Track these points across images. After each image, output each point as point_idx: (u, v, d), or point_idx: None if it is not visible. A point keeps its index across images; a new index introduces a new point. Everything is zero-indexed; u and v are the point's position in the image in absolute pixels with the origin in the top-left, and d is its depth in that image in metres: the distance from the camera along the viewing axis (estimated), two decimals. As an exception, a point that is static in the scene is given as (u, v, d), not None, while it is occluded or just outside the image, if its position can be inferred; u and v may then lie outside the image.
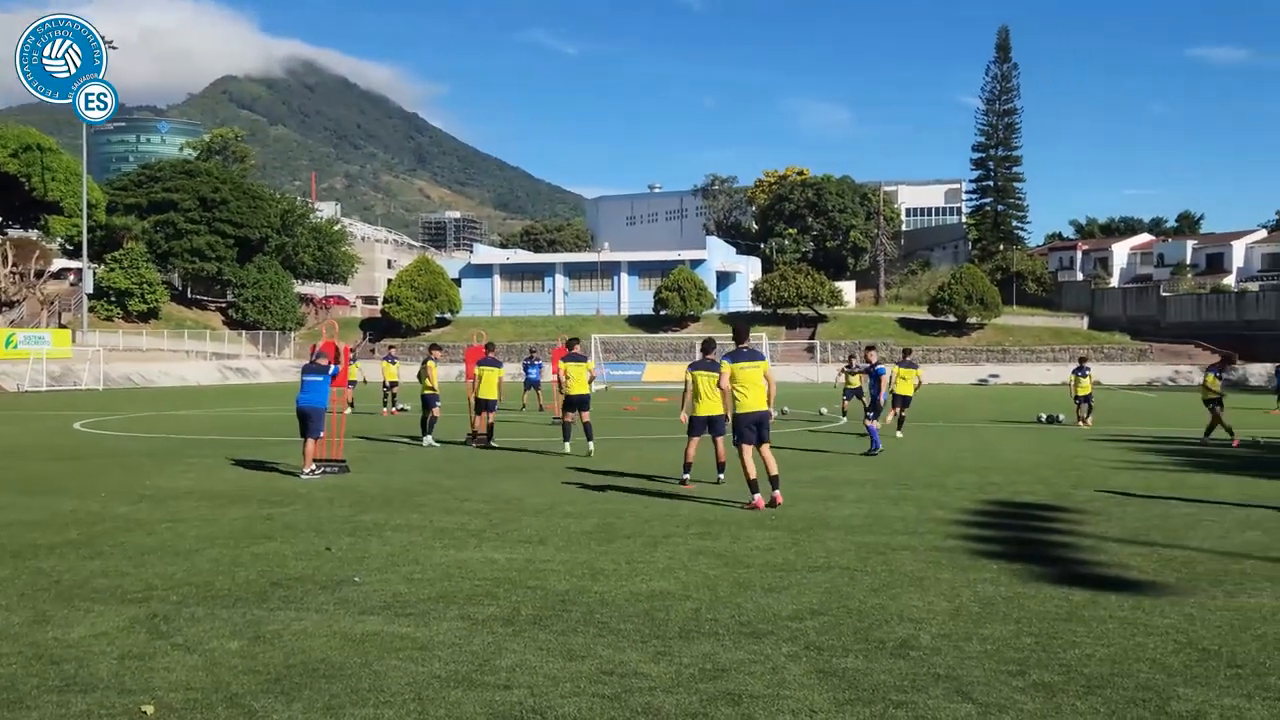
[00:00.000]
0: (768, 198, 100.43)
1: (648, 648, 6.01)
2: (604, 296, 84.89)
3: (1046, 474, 14.98)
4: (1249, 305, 73.64)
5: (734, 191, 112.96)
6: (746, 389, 11.67)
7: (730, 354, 11.99)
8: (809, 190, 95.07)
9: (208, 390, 50.01)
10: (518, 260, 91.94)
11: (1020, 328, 75.83)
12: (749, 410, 11.67)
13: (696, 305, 75.06)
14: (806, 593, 7.36)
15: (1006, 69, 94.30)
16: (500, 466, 15.72)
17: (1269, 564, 8.47)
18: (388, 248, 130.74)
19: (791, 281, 74.53)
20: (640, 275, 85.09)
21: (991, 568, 8.23)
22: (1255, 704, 5.07)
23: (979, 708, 5.02)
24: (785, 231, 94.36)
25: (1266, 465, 16.90)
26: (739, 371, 11.74)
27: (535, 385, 31.88)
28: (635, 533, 9.79)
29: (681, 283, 75.17)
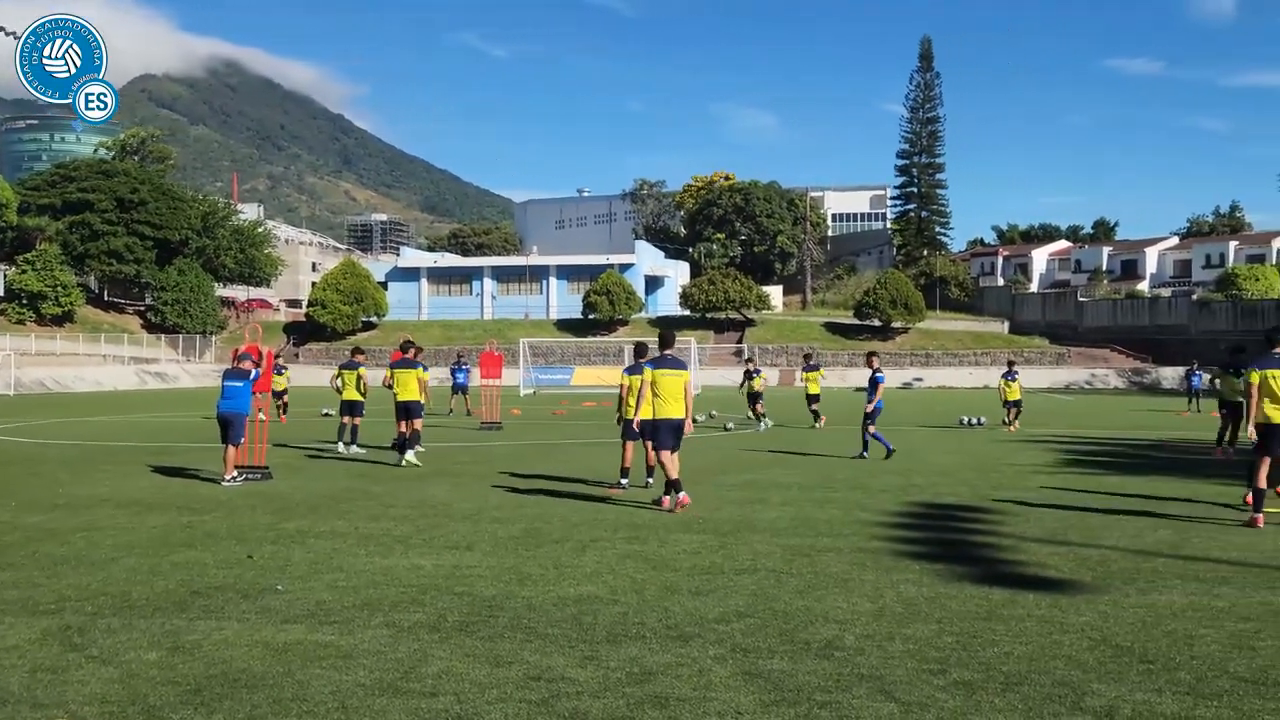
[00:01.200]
0: (696, 203, 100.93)
1: (575, 652, 6.00)
2: (532, 300, 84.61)
3: (968, 476, 15.27)
4: (1161, 310, 75.85)
5: (663, 196, 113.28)
6: (666, 397, 11.79)
7: (653, 360, 12.14)
8: (737, 195, 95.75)
9: (125, 396, 48.83)
10: (445, 264, 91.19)
11: (943, 332, 77.16)
12: (668, 417, 11.81)
13: (625, 309, 75.17)
14: (733, 595, 7.42)
15: (929, 77, 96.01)
16: (427, 472, 15.58)
17: (1179, 562, 8.72)
18: (312, 250, 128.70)
19: (720, 286, 74.98)
20: (569, 279, 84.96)
21: (914, 568, 8.37)
22: (1166, 698, 5.22)
23: (901, 706, 5.10)
24: (713, 236, 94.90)
25: (1176, 466, 17.40)
26: (660, 378, 11.87)
27: (463, 390, 31.66)
28: (563, 537, 9.77)
29: (610, 287, 75.23)
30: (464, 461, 17.36)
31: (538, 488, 13.60)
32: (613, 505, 11.96)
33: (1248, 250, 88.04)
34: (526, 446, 20.58)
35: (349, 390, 19.01)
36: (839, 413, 29.70)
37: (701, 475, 15.19)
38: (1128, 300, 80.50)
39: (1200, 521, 10.95)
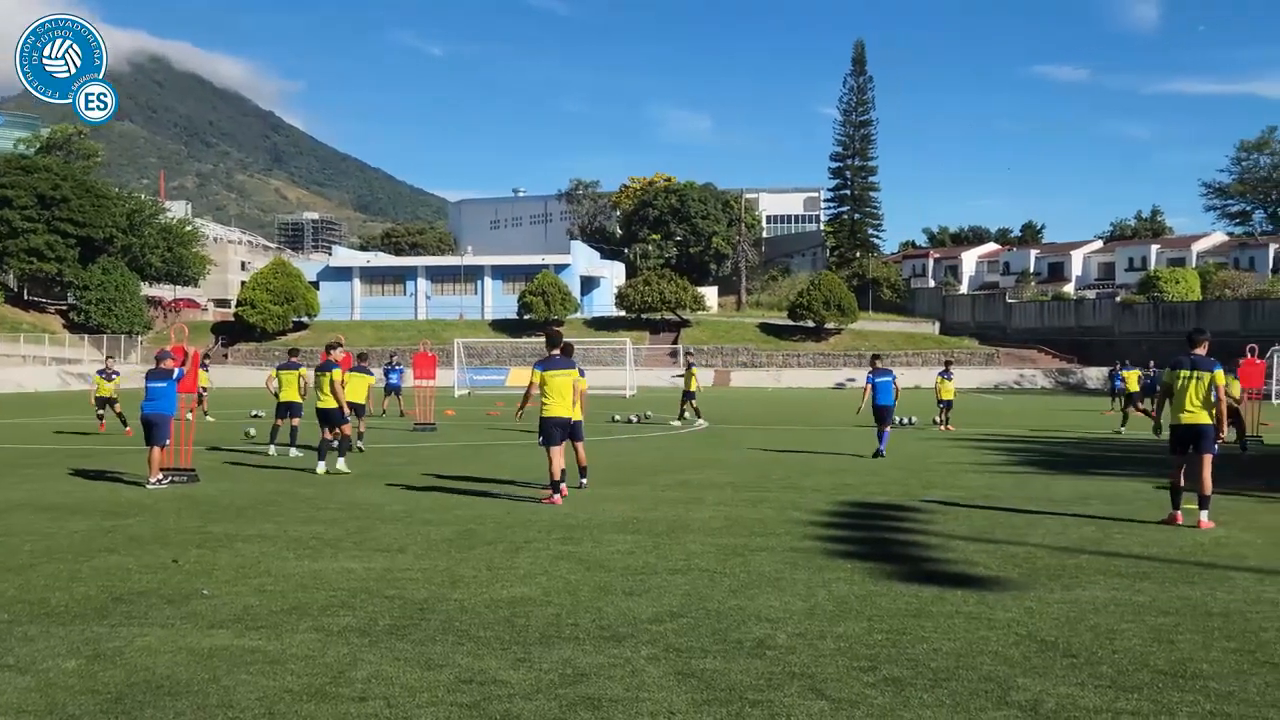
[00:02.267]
0: (632, 203, 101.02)
1: (508, 654, 5.96)
2: (467, 300, 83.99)
3: (898, 475, 15.46)
4: (1086, 312, 77.61)
5: (598, 197, 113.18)
6: (554, 396, 12.30)
7: (542, 361, 12.61)
8: (673, 197, 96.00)
9: (46, 397, 47.57)
10: (379, 263, 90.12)
11: (876, 333, 78.03)
12: (555, 415, 12.27)
13: (561, 310, 74.94)
14: (667, 595, 7.43)
15: (862, 81, 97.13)
16: (359, 474, 15.38)
17: (1102, 558, 8.92)
18: (242, 249, 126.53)
19: (655, 287, 75.09)
20: (504, 279, 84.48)
21: (846, 567, 8.45)
22: (1088, 691, 5.33)
23: (832, 704, 5.14)
24: (649, 237, 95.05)
25: (1101, 463, 17.80)
26: (550, 379, 12.33)
27: (396, 390, 31.35)
28: (496, 538, 9.71)
29: (546, 287, 74.96)
30: (397, 463, 17.18)
31: (471, 489, 13.51)
32: (547, 506, 11.92)
33: (1169, 254, 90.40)
34: (460, 447, 20.43)
35: (288, 391, 18.70)
36: (774, 414, 29.92)
37: (637, 475, 15.21)
38: (1054, 302, 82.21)
39: (1123, 519, 11.20)
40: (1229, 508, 12.06)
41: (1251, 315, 68.16)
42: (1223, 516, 11.33)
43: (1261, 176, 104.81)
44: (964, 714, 5.00)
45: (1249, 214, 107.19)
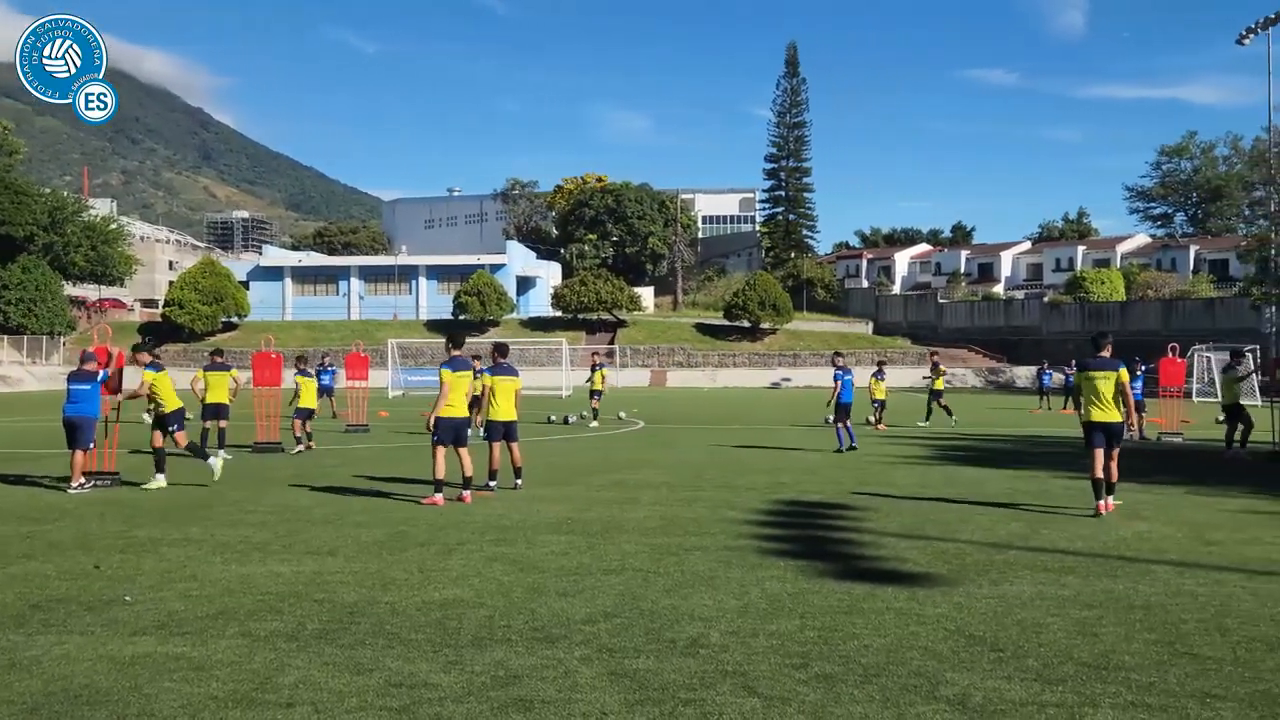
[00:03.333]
0: (568, 203, 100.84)
1: (439, 657, 5.90)
2: (401, 300, 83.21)
3: (832, 473, 15.60)
4: (1015, 312, 79.12)
5: (534, 196, 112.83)
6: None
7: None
8: (609, 197, 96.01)
9: (-36, 400, 46.20)
10: (311, 263, 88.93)
11: (810, 333, 78.75)
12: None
13: (496, 310, 74.56)
14: (600, 596, 7.40)
15: (796, 83, 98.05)
16: (289, 476, 15.15)
17: (1029, 553, 9.08)
18: (169, 248, 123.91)
19: (591, 287, 75.04)
20: (439, 279, 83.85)
21: (779, 565, 8.49)
22: (1014, 685, 5.41)
23: (764, 701, 5.16)
24: (585, 237, 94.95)
25: (1030, 460, 18.12)
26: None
27: (328, 392, 30.93)
28: (428, 540, 9.62)
29: (481, 287, 74.52)
30: (328, 465, 16.94)
31: (404, 491, 13.37)
32: (480, 507, 11.83)
33: (1094, 255, 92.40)
34: (394, 449, 20.22)
35: (216, 393, 18.33)
36: (710, 413, 30.08)
37: (572, 476, 15.17)
38: (984, 302, 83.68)
39: (1050, 514, 11.42)
40: (1151, 502, 12.37)
41: (1173, 315, 69.98)
42: (1145, 511, 11.62)
43: (1182, 180, 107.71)
44: (894, 709, 5.05)
45: (1170, 216, 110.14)
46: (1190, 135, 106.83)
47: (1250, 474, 16.03)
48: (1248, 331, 55.38)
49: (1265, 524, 10.82)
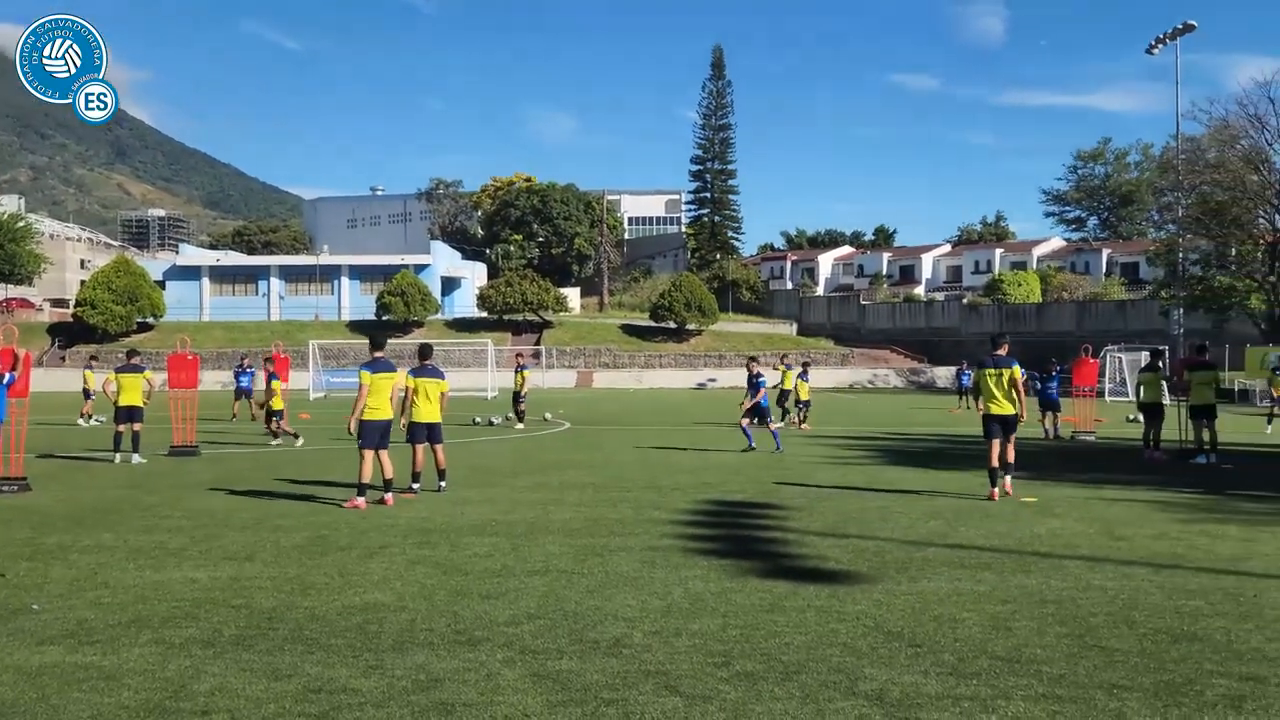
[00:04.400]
0: (494, 203, 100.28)
1: (359, 662, 5.83)
2: (323, 301, 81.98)
3: (756, 473, 15.73)
4: (936, 313, 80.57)
5: (460, 196, 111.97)
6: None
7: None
8: (535, 197, 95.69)
9: None
10: (229, 262, 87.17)
11: (736, 334, 79.28)
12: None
13: (421, 310, 73.84)
14: (524, 597, 7.38)
15: (721, 86, 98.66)
16: (206, 480, 14.85)
17: (947, 550, 9.26)
18: (81, 247, 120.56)
19: (517, 288, 74.68)
20: (362, 279, 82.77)
21: (703, 565, 8.55)
22: (931, 679, 5.52)
23: (685, 700, 5.19)
24: (511, 238, 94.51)
25: (948, 459, 18.47)
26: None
27: (247, 393, 30.39)
28: (350, 544, 9.50)
29: (405, 288, 73.74)
30: (247, 468, 16.63)
31: (326, 494, 13.18)
32: (403, 510, 11.72)
33: (1011, 257, 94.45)
34: (315, 451, 19.93)
35: (129, 395, 17.87)
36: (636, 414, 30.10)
37: (497, 477, 15.10)
38: (906, 304, 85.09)
39: (968, 512, 11.65)
40: (1065, 499, 12.68)
41: (1086, 316, 71.83)
42: (1058, 508, 11.91)
43: (1096, 185, 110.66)
44: (813, 705, 5.12)
45: (1084, 220, 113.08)
46: (1104, 141, 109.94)
47: (1161, 471, 16.52)
48: (1157, 333, 57.01)
49: (1172, 519, 11.16)
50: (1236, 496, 13.22)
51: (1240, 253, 54.92)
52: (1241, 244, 54.34)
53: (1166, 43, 49.17)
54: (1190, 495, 13.23)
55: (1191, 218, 54.02)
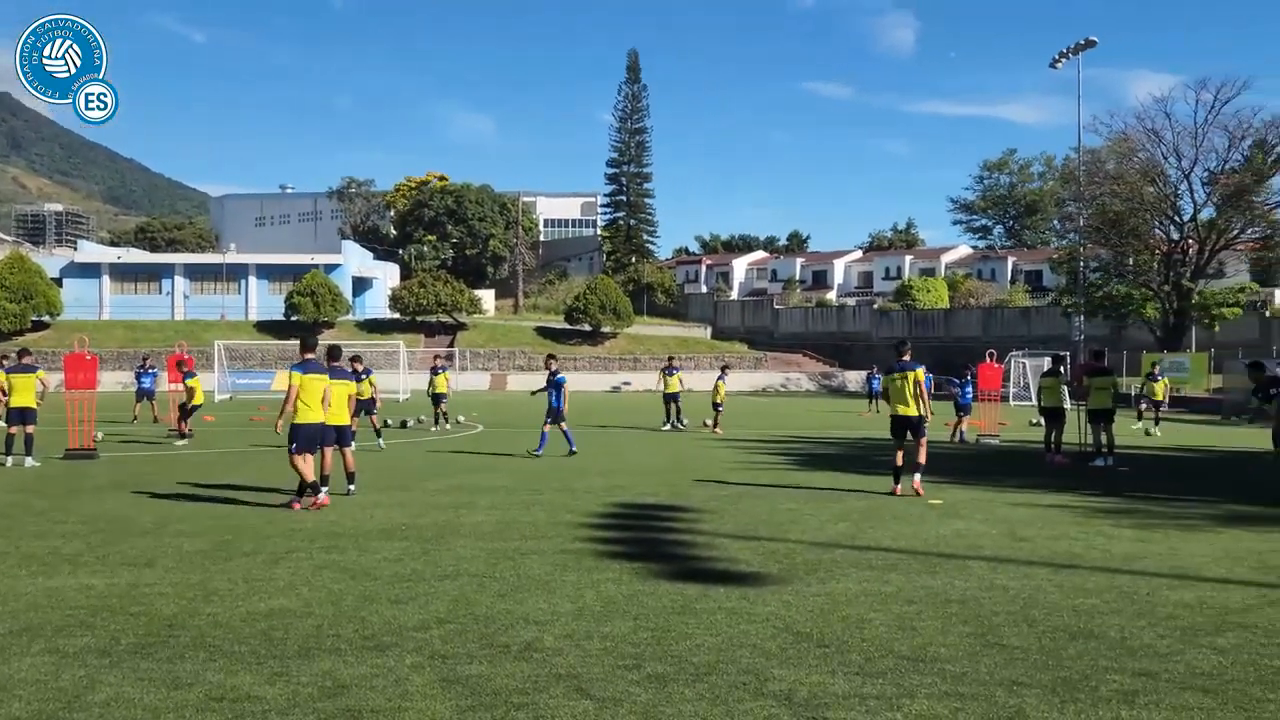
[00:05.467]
0: (407, 203, 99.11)
1: (264, 669, 5.71)
2: (230, 300, 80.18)
3: (669, 476, 15.79)
4: (847, 318, 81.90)
5: (372, 195, 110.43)
6: (311, 401, 12.30)
7: (299, 365, 12.56)
8: (449, 197, 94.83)
9: None
10: (131, 260, 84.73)
11: (650, 337, 79.58)
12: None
13: (331, 311, 72.66)
14: (434, 602, 7.30)
15: (637, 89, 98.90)
16: (104, 484, 14.41)
17: (855, 552, 9.40)
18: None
19: (430, 289, 73.97)
20: (270, 279, 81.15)
21: (615, 568, 8.55)
22: (838, 679, 5.59)
23: (596, 703, 5.18)
24: (425, 238, 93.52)
25: (858, 461, 18.75)
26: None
27: (149, 395, 29.56)
28: (255, 549, 9.30)
29: (315, 287, 72.49)
30: (148, 472, 16.18)
31: (230, 497, 12.89)
32: (310, 514, 11.51)
33: (921, 264, 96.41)
34: (220, 454, 19.48)
35: (21, 396, 17.24)
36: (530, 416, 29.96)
37: (408, 480, 14.92)
38: (818, 308, 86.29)
39: (876, 514, 11.84)
40: (969, 501, 12.97)
41: (992, 322, 73.66)
42: (963, 510, 12.18)
43: (1001, 194, 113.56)
44: (723, 706, 5.15)
45: (990, 229, 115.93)
46: (1009, 152, 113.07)
47: (1062, 474, 16.99)
48: (1059, 338, 58.69)
49: (1072, 520, 11.49)
50: (1132, 498, 13.66)
51: (1137, 262, 56.81)
52: (1138, 254, 56.22)
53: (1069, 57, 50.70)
54: (1089, 497, 13.64)
55: (1092, 227, 55.76)
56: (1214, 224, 52.61)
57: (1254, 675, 5.74)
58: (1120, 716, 5.06)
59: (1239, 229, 53.99)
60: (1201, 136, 51.32)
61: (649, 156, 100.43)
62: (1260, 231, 55.15)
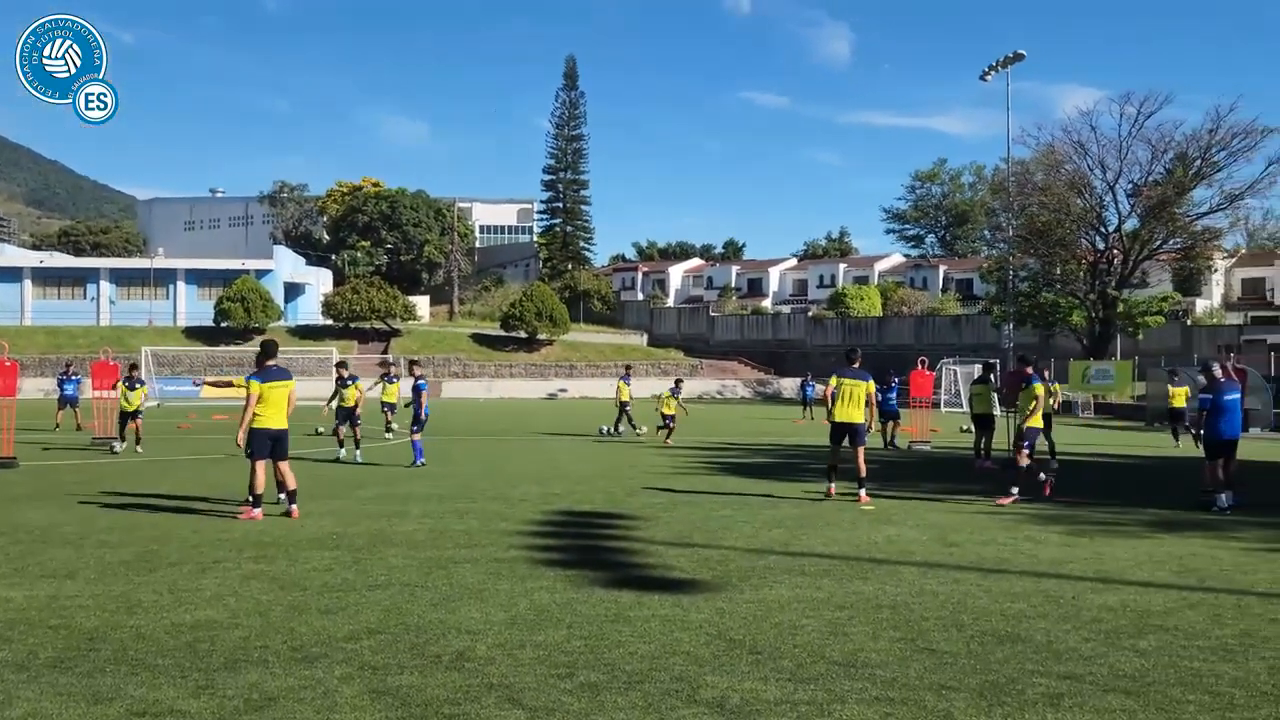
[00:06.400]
0: (341, 209, 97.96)
1: (188, 682, 5.59)
2: (158, 306, 78.61)
3: (604, 483, 15.78)
4: (782, 325, 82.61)
5: (305, 200, 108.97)
6: (269, 408, 11.92)
7: (259, 373, 12.07)
8: (383, 203, 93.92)
9: None
10: (55, 264, 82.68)
11: (587, 344, 79.53)
12: (269, 426, 11.92)
13: (262, 317, 71.60)
14: (365, 612, 7.21)
15: (574, 96, 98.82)
16: (24, 494, 14.03)
17: (789, 558, 9.46)
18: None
19: (364, 295, 73.21)
20: (199, 284, 79.72)
21: (549, 576, 8.51)
22: (770, 685, 5.62)
23: (528, 712, 5.15)
24: (359, 244, 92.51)
25: (792, 468, 18.89)
26: (269, 391, 11.91)
27: (72, 402, 28.89)
28: (181, 559, 9.10)
29: (246, 293, 71.38)
30: (70, 481, 15.78)
31: (156, 505, 12.62)
32: (241, 524, 11.31)
33: (854, 272, 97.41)
34: (146, 463, 19.07)
35: None
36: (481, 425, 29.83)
37: (340, 489, 14.74)
38: (753, 316, 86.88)
39: (809, 520, 11.94)
40: (901, 507, 13.13)
41: (924, 330, 74.79)
42: (895, 516, 12.33)
43: (933, 204, 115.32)
44: (656, 714, 5.15)
45: (923, 238, 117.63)
46: (941, 162, 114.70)
47: (990, 480, 17.27)
48: (989, 346, 59.72)
49: (1001, 526, 11.69)
50: (1059, 503, 13.92)
51: (1064, 272, 58.02)
52: (1065, 263, 57.41)
53: (998, 70, 51.66)
54: (1017, 503, 13.86)
55: (1020, 237, 56.82)
56: (1138, 235, 53.89)
57: (1174, 677, 5.87)
58: (1045, 719, 5.15)
59: (1161, 240, 55.35)
60: (1126, 149, 52.61)
61: (586, 163, 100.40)
62: (1181, 242, 56.59)
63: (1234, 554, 9.99)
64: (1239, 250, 76.93)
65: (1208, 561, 9.53)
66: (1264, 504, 13.96)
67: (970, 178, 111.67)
